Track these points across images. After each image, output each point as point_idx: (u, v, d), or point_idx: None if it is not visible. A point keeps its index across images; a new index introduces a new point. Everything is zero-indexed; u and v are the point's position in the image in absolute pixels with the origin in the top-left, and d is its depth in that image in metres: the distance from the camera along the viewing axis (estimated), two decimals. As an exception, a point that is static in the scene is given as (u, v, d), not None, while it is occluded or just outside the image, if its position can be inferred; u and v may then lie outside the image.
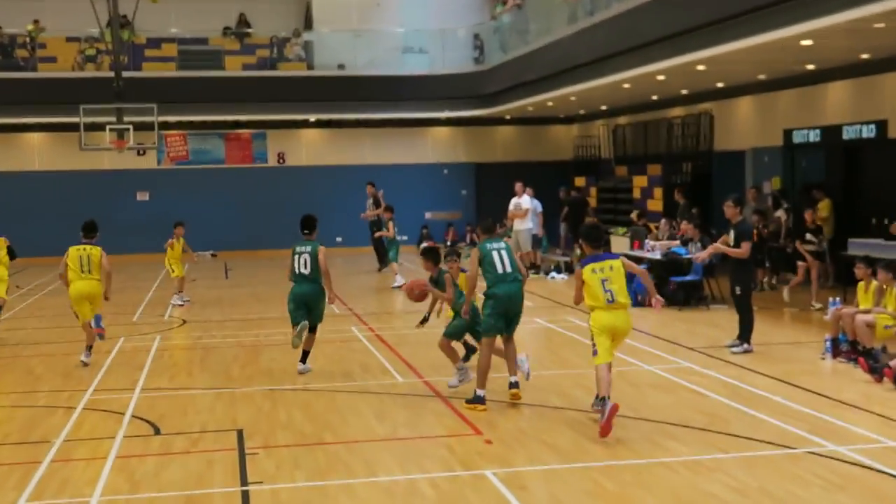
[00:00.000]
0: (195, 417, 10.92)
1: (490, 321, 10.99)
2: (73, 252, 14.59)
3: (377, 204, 27.17)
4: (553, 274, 24.57)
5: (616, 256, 10.24)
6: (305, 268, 13.07)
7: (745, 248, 14.01)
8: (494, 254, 11.07)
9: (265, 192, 34.36)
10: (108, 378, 13.25)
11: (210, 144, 34.57)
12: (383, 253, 26.49)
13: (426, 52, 34.20)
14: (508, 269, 11.03)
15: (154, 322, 18.90)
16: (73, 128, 29.44)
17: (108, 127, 27.01)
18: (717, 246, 14.44)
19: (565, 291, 21.55)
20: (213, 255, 33.93)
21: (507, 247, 11.28)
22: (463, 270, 12.06)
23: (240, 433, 10.13)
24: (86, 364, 14.15)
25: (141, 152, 33.11)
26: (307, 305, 13.08)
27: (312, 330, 13.24)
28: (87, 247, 14.67)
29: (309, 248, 13.16)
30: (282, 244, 31.42)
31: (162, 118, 28.76)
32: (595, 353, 9.98)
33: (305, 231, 13.37)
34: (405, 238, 35.14)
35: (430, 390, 12.00)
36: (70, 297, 14.46)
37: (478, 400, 11.01)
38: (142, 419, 10.84)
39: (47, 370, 14.03)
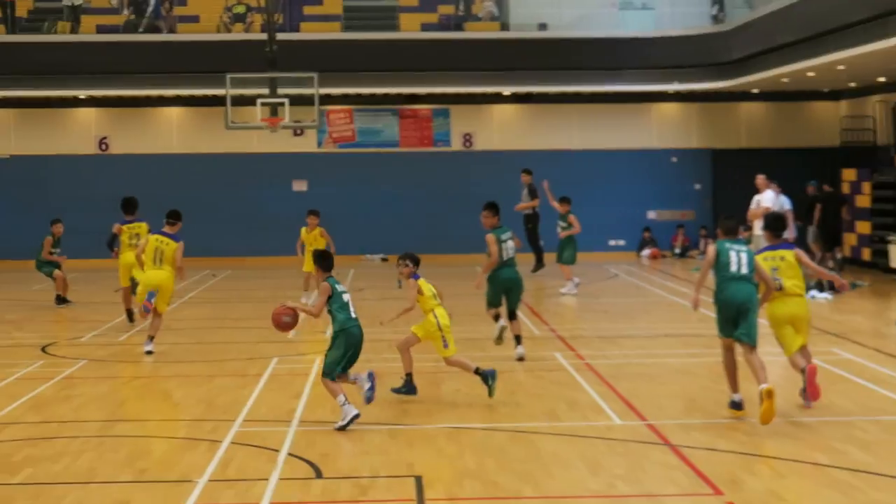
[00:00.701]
0: (364, 459, 11.12)
1: (719, 326, 12.61)
2: (152, 241, 18.17)
3: (532, 194, 28.26)
4: (813, 293, 23.65)
5: (792, 247, 12.91)
6: (512, 252, 16.56)
7: None
8: (732, 253, 12.51)
9: (447, 183, 34.76)
10: (260, 407, 13.64)
11: (381, 123, 35.23)
12: (540, 251, 28.26)
13: (650, 9, 33.99)
14: (744, 271, 12.43)
15: (313, 339, 19.34)
16: (218, 101, 30.54)
17: (259, 101, 27.81)
18: None
19: (830, 317, 21.00)
20: (383, 259, 34.54)
21: (749, 251, 12.58)
22: (415, 277, 14.09)
23: (418, 481, 10.27)
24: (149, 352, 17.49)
25: (298, 132, 34.02)
26: (509, 292, 16.60)
27: (515, 316, 16.71)
28: (165, 240, 18.15)
29: (510, 234, 16.61)
30: (467, 247, 31.74)
31: (324, 90, 29.45)
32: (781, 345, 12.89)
33: (498, 217, 16.64)
34: (623, 243, 35.02)
35: (657, 436, 11.89)
36: (141, 282, 18.33)
37: (735, 406, 12.53)
38: (300, 458, 11.11)
39: (187, 395, 14.53)
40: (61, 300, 24.35)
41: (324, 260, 12.95)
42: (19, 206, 34.26)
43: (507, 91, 34.41)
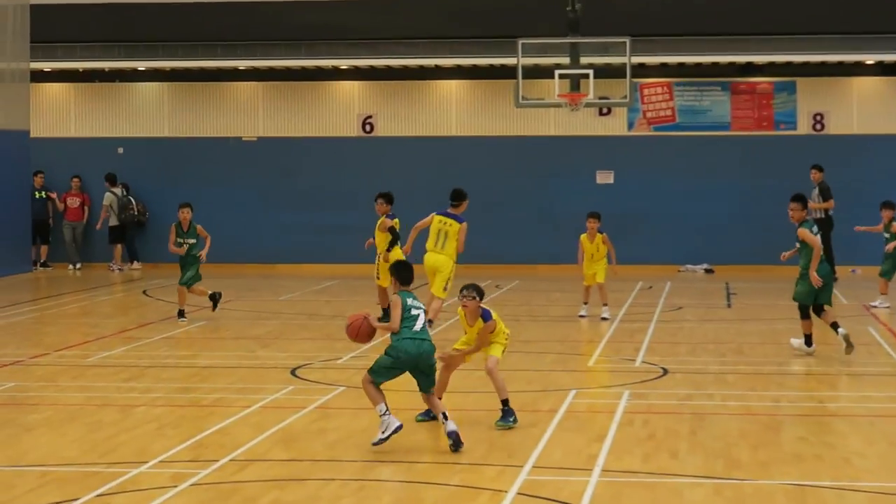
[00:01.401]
0: (683, 520, 11.08)
1: None
2: (436, 222, 21.54)
3: (825, 195, 29.39)
4: None
5: None
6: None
7: None
8: None
9: (790, 174, 33.92)
10: (553, 449, 13.69)
11: (708, 99, 35.15)
12: (832, 261, 28.49)
13: None
14: None
15: (620, 369, 19.42)
16: (506, 73, 30.85)
17: (557, 72, 28.03)
18: None
19: None
20: (707, 271, 34.25)
21: None
22: (487, 315, 14.49)
23: (754, 550, 10.16)
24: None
25: (604, 111, 34.22)
26: (822, 289, 19.28)
27: (822, 311, 19.50)
28: (449, 221, 21.48)
29: (817, 227, 19.85)
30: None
31: (637, 59, 29.67)
32: None
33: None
34: None
35: None
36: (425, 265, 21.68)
37: None
38: (603, 516, 11.13)
39: (465, 433, 14.60)
40: (182, 314, 24.46)
41: (400, 272, 14.24)
42: (267, 198, 35.38)
43: (870, 59, 33.66)
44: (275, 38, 34.00)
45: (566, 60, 28.33)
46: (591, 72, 27.77)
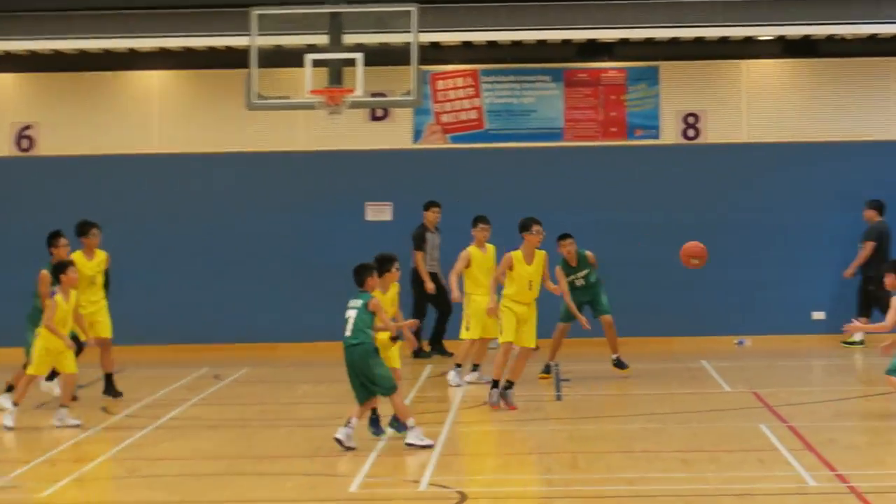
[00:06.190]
0: None
1: None
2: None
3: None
4: None
5: None
6: None
7: None
8: None
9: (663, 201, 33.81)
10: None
11: (531, 95, 35.10)
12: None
13: None
14: None
15: (397, 496, 19.17)
16: (232, 60, 30.54)
17: (308, 57, 27.87)
18: None
19: None
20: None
21: None
22: None
23: None
24: None
25: (379, 113, 33.93)
26: None
27: None
28: None
29: None
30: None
31: (429, 35, 29.70)
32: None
33: None
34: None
35: None
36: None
37: None
38: None
39: None
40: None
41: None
42: None
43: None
44: None
45: (324, 39, 27.95)
46: (359, 56, 27.50)
